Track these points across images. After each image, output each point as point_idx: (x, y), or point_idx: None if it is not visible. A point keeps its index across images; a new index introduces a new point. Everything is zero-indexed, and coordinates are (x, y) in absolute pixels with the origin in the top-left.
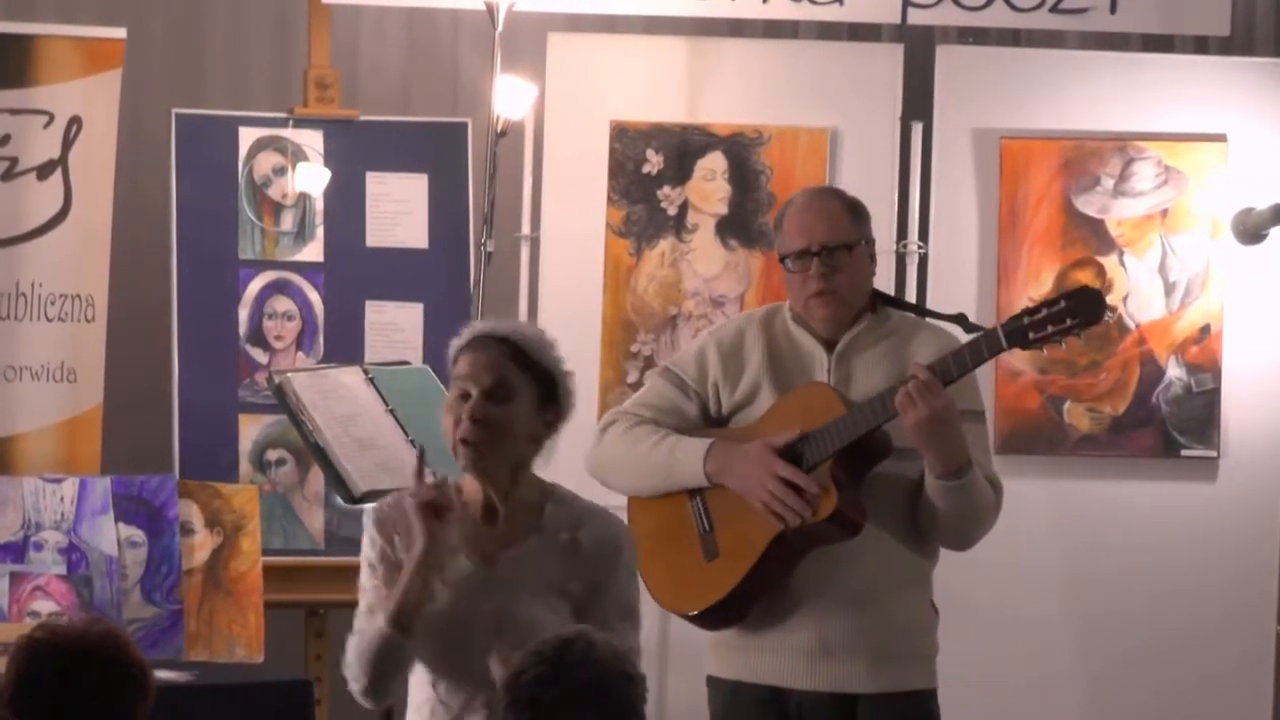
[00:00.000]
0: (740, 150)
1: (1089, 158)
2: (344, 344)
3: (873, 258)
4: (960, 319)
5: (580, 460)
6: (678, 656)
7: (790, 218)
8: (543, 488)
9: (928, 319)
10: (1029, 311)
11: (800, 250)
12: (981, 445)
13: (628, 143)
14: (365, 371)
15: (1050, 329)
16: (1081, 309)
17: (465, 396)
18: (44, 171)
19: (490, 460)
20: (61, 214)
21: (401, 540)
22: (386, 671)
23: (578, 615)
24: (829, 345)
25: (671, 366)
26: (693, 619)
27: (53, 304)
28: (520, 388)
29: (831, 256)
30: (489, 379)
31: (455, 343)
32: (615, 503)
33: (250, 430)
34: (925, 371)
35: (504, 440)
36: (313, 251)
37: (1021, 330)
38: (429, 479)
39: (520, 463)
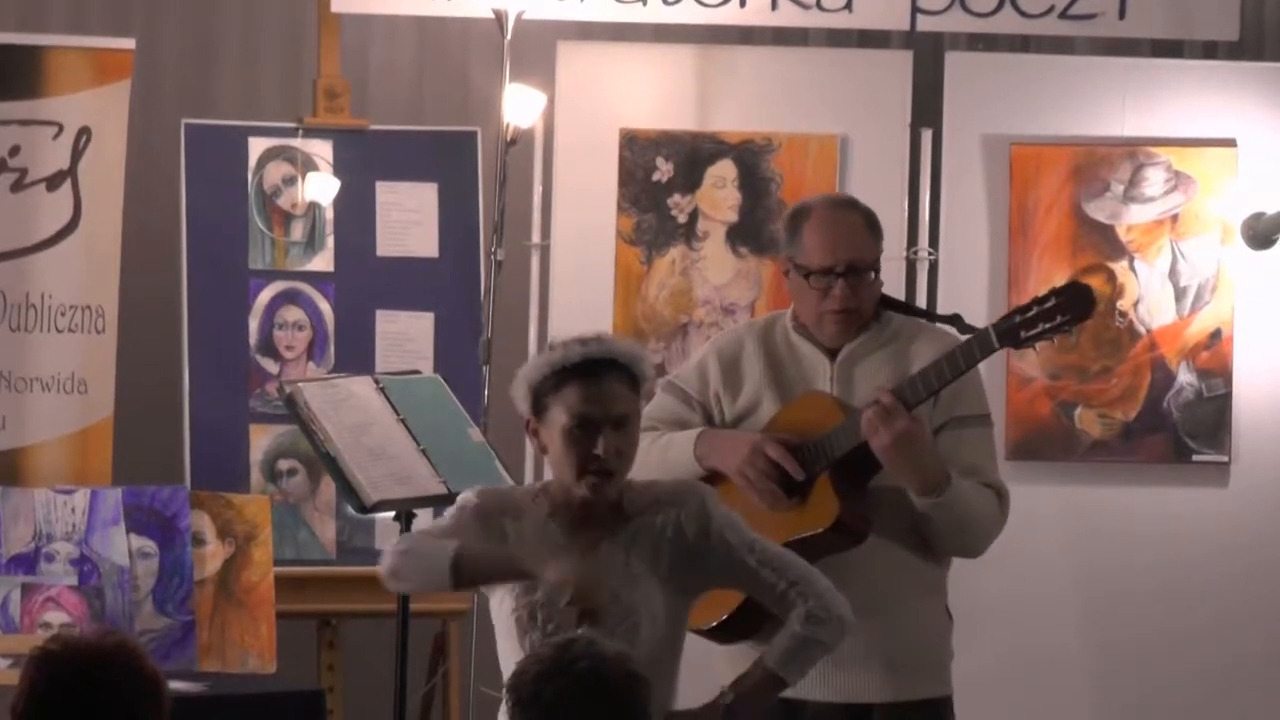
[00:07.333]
0: (750, 158)
1: (1099, 163)
2: (355, 354)
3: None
4: (955, 319)
5: None
6: (685, 663)
7: (812, 231)
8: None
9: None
10: (1020, 310)
11: (825, 269)
12: (983, 450)
13: (638, 151)
14: (376, 381)
15: (1042, 326)
16: (1071, 305)
17: (586, 426)
18: (53, 182)
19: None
20: (71, 225)
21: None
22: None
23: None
24: (831, 354)
25: (674, 380)
26: (706, 634)
27: (63, 315)
28: (635, 410)
29: (856, 277)
30: (618, 411)
31: (549, 360)
32: None
33: (261, 440)
34: (888, 395)
35: (629, 464)
36: (323, 261)
37: (1013, 329)
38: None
39: None
